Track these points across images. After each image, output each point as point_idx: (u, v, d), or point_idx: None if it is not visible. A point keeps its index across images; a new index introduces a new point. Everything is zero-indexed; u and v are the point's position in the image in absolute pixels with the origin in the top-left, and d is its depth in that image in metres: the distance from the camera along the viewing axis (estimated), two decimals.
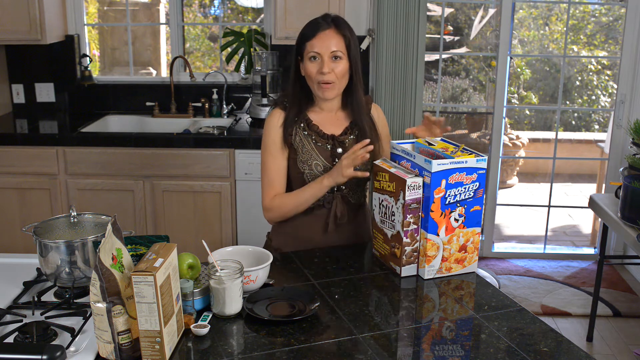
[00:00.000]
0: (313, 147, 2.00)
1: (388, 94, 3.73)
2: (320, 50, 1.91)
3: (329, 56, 1.91)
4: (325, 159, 2.00)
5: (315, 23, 1.95)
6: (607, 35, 6.55)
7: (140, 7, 5.53)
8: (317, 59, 1.92)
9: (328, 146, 2.00)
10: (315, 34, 1.92)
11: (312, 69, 1.93)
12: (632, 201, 2.64)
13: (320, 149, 2.00)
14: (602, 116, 6.87)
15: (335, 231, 2.05)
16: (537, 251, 4.34)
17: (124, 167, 3.37)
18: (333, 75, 1.92)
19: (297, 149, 2.00)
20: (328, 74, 1.91)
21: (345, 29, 1.95)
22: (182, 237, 3.39)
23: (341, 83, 1.96)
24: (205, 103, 3.90)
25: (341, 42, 1.92)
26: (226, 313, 1.54)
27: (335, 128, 2.03)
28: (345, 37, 1.93)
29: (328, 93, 1.95)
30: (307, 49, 1.93)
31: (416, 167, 1.78)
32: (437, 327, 1.52)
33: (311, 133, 2.00)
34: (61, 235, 1.74)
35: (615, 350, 3.16)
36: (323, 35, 1.92)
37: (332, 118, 2.04)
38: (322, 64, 1.90)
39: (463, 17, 6.79)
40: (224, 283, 1.52)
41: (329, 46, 1.91)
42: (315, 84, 1.94)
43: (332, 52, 1.91)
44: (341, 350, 1.42)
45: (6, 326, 1.50)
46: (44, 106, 3.98)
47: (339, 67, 1.92)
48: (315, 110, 2.04)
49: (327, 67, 1.90)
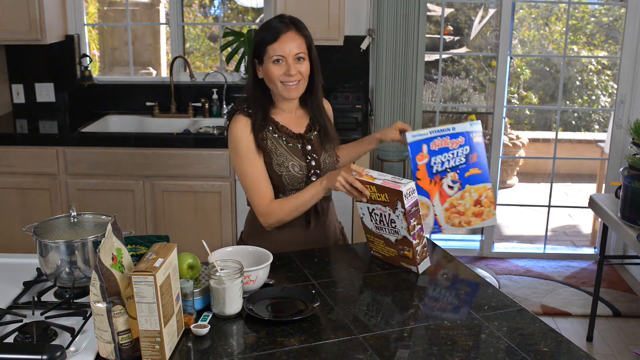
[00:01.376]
0: (285, 148, 1.99)
1: (388, 94, 3.73)
2: (284, 53, 1.90)
3: (293, 58, 1.91)
4: (299, 158, 2.00)
5: (274, 26, 1.94)
6: (607, 35, 6.55)
7: (140, 7, 5.53)
8: (280, 61, 1.91)
9: (299, 145, 2.01)
10: (277, 37, 1.91)
11: (276, 71, 1.91)
12: (632, 201, 2.64)
13: (293, 149, 2.00)
14: (602, 116, 6.88)
15: (317, 226, 2.06)
16: (537, 251, 4.34)
17: (124, 167, 3.37)
18: (298, 75, 1.93)
19: (271, 152, 1.98)
20: (295, 74, 1.91)
21: (304, 29, 1.96)
22: (182, 237, 3.39)
23: (304, 83, 1.97)
24: (205, 103, 3.90)
25: (303, 44, 1.93)
26: (226, 313, 1.54)
27: (299, 127, 2.05)
28: (306, 37, 1.94)
29: (294, 93, 1.95)
30: (269, 53, 1.91)
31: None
32: (437, 327, 1.52)
33: (281, 135, 2.00)
34: (61, 235, 1.74)
35: (615, 350, 3.16)
36: (285, 37, 1.91)
37: (293, 118, 2.05)
38: (289, 67, 1.90)
39: (463, 17, 6.79)
40: (224, 283, 1.52)
41: (292, 48, 1.91)
42: (279, 84, 1.93)
43: (296, 54, 1.91)
44: (341, 350, 1.42)
45: (6, 326, 1.50)
46: (44, 106, 3.98)
47: (304, 67, 1.93)
48: (277, 112, 2.03)
49: (294, 69, 1.90)
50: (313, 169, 2.02)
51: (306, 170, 2.00)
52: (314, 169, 2.02)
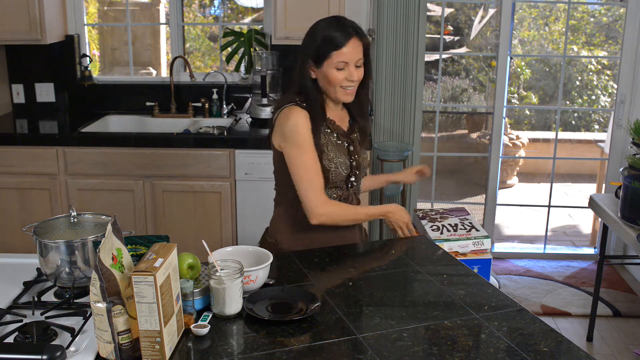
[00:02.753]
0: (335, 145, 2.02)
1: (388, 94, 3.72)
2: (349, 59, 1.92)
3: (355, 64, 1.93)
4: (345, 157, 2.03)
5: (340, 32, 1.92)
6: (607, 35, 6.55)
7: (140, 7, 5.53)
8: (343, 67, 1.93)
9: (345, 144, 2.04)
10: (344, 44, 1.91)
11: (338, 75, 1.92)
12: (632, 201, 2.64)
13: (340, 147, 2.03)
14: (602, 116, 6.87)
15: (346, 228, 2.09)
16: (537, 251, 4.34)
17: (124, 167, 3.37)
18: (359, 80, 1.97)
19: (323, 147, 1.99)
20: (356, 80, 1.95)
21: (364, 35, 1.97)
22: (182, 237, 3.39)
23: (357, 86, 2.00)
24: (205, 103, 3.90)
25: (362, 50, 1.95)
26: (226, 313, 1.54)
27: (343, 125, 2.07)
28: (365, 44, 1.96)
29: (350, 97, 1.99)
30: (333, 58, 1.91)
31: None
32: (437, 327, 1.52)
33: (333, 132, 2.02)
34: (61, 235, 1.74)
35: (615, 350, 3.16)
36: (351, 44, 1.91)
37: (339, 115, 2.07)
38: (351, 73, 1.92)
39: (463, 17, 6.79)
40: (224, 283, 1.52)
41: (356, 54, 1.93)
42: (339, 89, 1.95)
43: (358, 61, 1.94)
44: (341, 350, 1.42)
45: (6, 326, 1.50)
46: (44, 106, 3.98)
47: (361, 73, 1.97)
48: (328, 109, 2.04)
49: (357, 75, 1.94)
50: (353, 169, 2.05)
51: (348, 170, 2.03)
52: (354, 169, 2.05)
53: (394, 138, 3.78)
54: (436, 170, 4.25)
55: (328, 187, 2.02)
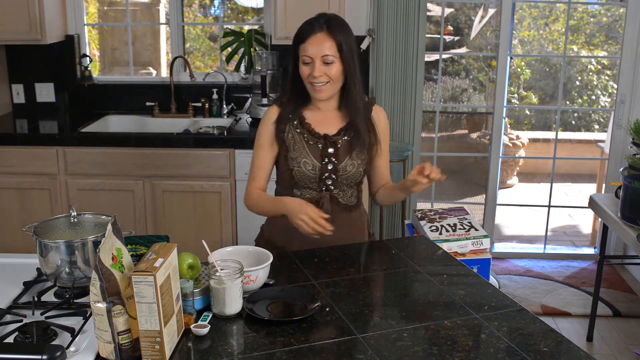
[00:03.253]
0: (304, 145, 2.01)
1: (388, 94, 3.72)
2: (312, 55, 1.91)
3: (321, 60, 1.91)
4: (315, 158, 2.00)
5: (308, 25, 1.94)
6: (607, 36, 6.55)
7: (140, 7, 5.53)
8: (309, 62, 1.92)
9: (319, 145, 2.00)
10: (307, 38, 1.92)
11: (305, 71, 1.94)
12: (632, 201, 2.64)
13: (312, 148, 2.01)
14: (602, 116, 6.87)
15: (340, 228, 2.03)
16: (537, 251, 4.34)
17: (124, 167, 3.37)
18: (325, 77, 1.92)
19: (289, 145, 2.01)
20: (319, 77, 1.91)
21: (338, 31, 1.91)
22: (182, 237, 3.39)
23: (335, 85, 1.96)
24: (205, 103, 3.90)
25: (333, 46, 1.90)
26: (226, 313, 1.54)
27: (330, 128, 2.03)
28: (337, 40, 1.91)
29: (321, 94, 1.96)
30: (300, 52, 1.94)
31: None
32: (437, 327, 1.52)
33: (304, 131, 2.01)
34: (61, 235, 1.74)
35: (615, 350, 3.16)
36: (314, 39, 1.91)
37: (327, 117, 2.04)
38: (313, 68, 1.91)
39: (463, 17, 6.79)
40: (224, 283, 1.52)
41: (320, 50, 1.90)
42: (308, 84, 1.96)
43: (324, 57, 1.90)
44: (341, 350, 1.42)
45: (6, 326, 1.50)
46: (44, 106, 3.98)
47: (332, 71, 1.92)
48: (312, 108, 2.05)
49: (318, 71, 1.91)
50: (329, 172, 2.00)
51: (319, 172, 1.99)
52: (330, 172, 2.00)
53: (394, 138, 3.78)
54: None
55: (300, 187, 2.03)
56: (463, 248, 2.12)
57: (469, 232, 2.15)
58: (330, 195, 2.03)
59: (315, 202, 2.00)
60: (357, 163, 2.02)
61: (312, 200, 2.01)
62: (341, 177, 2.01)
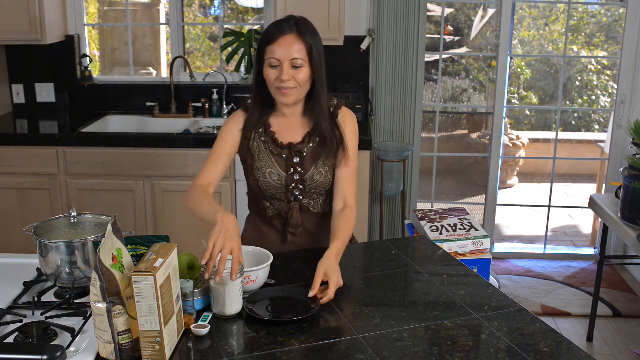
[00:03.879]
0: (269, 154, 1.93)
1: (388, 94, 3.72)
2: (280, 57, 1.82)
3: (289, 63, 1.82)
4: (280, 168, 1.93)
5: (276, 26, 1.85)
6: (607, 35, 6.55)
7: (140, 7, 5.53)
8: (277, 65, 1.83)
9: (284, 155, 1.93)
10: (276, 39, 1.82)
11: (271, 74, 1.84)
12: (632, 201, 2.64)
13: (276, 157, 1.93)
14: (602, 116, 6.87)
15: (295, 242, 2.01)
16: (537, 251, 4.34)
17: (124, 167, 3.37)
18: (293, 81, 1.83)
19: (254, 154, 1.94)
20: (287, 80, 1.82)
21: (307, 34, 1.84)
22: (182, 237, 3.39)
23: (302, 89, 1.88)
24: (205, 103, 3.90)
25: (302, 49, 1.83)
26: (226, 313, 1.54)
27: (294, 135, 1.95)
28: (306, 43, 1.83)
29: (286, 98, 1.87)
30: (267, 54, 1.84)
31: None
32: (437, 327, 1.52)
33: (267, 140, 1.94)
34: (61, 235, 1.74)
35: (615, 350, 3.16)
36: (283, 40, 1.82)
37: (292, 124, 1.96)
38: (282, 71, 1.81)
39: (463, 17, 6.79)
40: (224, 283, 1.52)
41: (289, 53, 1.81)
42: (274, 88, 1.86)
43: (293, 60, 1.82)
44: (341, 350, 1.42)
45: (6, 326, 1.50)
46: (44, 106, 3.98)
47: (300, 75, 1.83)
48: (277, 115, 1.96)
49: (287, 75, 1.82)
50: (295, 182, 1.94)
51: (285, 182, 1.93)
52: (296, 182, 1.94)
53: (394, 138, 3.78)
54: (436, 170, 4.25)
55: (268, 197, 1.97)
56: (463, 248, 2.12)
57: (469, 232, 2.15)
58: (299, 205, 1.98)
59: (283, 213, 1.97)
60: (324, 171, 1.95)
61: (280, 212, 1.97)
62: (309, 186, 1.95)
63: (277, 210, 1.99)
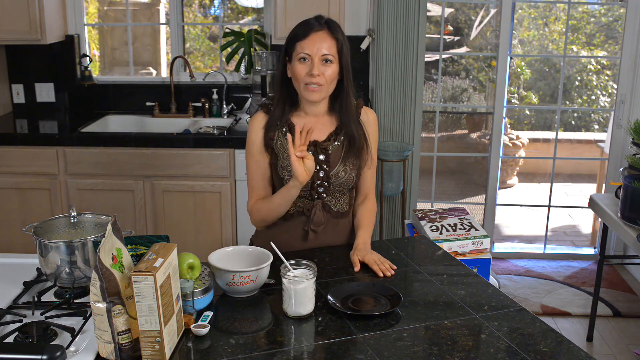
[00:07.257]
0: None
1: (388, 94, 3.72)
2: (311, 52, 1.85)
3: (320, 58, 1.85)
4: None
5: (307, 23, 1.90)
6: (607, 35, 6.55)
7: (140, 7, 5.53)
8: (307, 60, 1.86)
9: (309, 152, 1.90)
10: (308, 35, 1.87)
11: (301, 70, 1.87)
12: (632, 201, 2.64)
13: None
14: (602, 116, 6.88)
15: (315, 239, 2.02)
16: (537, 251, 4.34)
17: (124, 167, 3.37)
18: (322, 78, 1.86)
19: (278, 153, 1.95)
20: (318, 76, 1.85)
21: (338, 32, 1.89)
22: (182, 237, 3.39)
23: (329, 87, 1.91)
24: (205, 103, 3.90)
25: (333, 46, 1.87)
26: (302, 313, 1.56)
27: (318, 133, 1.96)
28: (337, 40, 1.88)
29: (315, 95, 1.89)
30: (297, 50, 1.87)
31: None
32: (437, 327, 1.52)
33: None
34: (61, 235, 1.74)
35: (615, 350, 3.16)
36: (315, 36, 1.86)
37: (316, 123, 1.97)
38: (312, 66, 1.85)
39: (463, 17, 6.80)
40: (299, 283, 1.54)
41: (320, 48, 1.85)
42: (302, 85, 1.88)
43: (323, 55, 1.86)
44: (341, 350, 1.42)
45: (6, 326, 1.50)
46: (44, 106, 3.98)
47: (329, 71, 1.87)
48: (300, 114, 1.98)
49: (317, 70, 1.85)
50: (321, 180, 1.95)
51: (311, 180, 1.93)
52: (321, 180, 1.95)
53: (394, 138, 3.78)
54: (436, 170, 4.25)
55: None
56: (463, 248, 2.12)
57: (469, 232, 2.15)
58: (322, 203, 1.98)
59: (306, 210, 1.98)
60: (349, 169, 1.97)
61: (303, 209, 1.98)
62: (333, 184, 1.96)
63: (299, 208, 1.99)
